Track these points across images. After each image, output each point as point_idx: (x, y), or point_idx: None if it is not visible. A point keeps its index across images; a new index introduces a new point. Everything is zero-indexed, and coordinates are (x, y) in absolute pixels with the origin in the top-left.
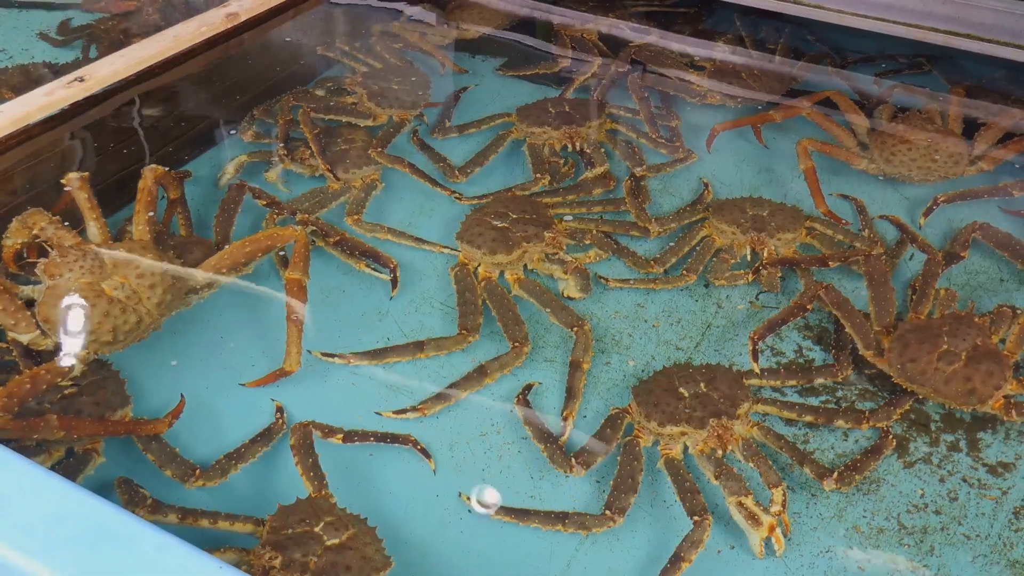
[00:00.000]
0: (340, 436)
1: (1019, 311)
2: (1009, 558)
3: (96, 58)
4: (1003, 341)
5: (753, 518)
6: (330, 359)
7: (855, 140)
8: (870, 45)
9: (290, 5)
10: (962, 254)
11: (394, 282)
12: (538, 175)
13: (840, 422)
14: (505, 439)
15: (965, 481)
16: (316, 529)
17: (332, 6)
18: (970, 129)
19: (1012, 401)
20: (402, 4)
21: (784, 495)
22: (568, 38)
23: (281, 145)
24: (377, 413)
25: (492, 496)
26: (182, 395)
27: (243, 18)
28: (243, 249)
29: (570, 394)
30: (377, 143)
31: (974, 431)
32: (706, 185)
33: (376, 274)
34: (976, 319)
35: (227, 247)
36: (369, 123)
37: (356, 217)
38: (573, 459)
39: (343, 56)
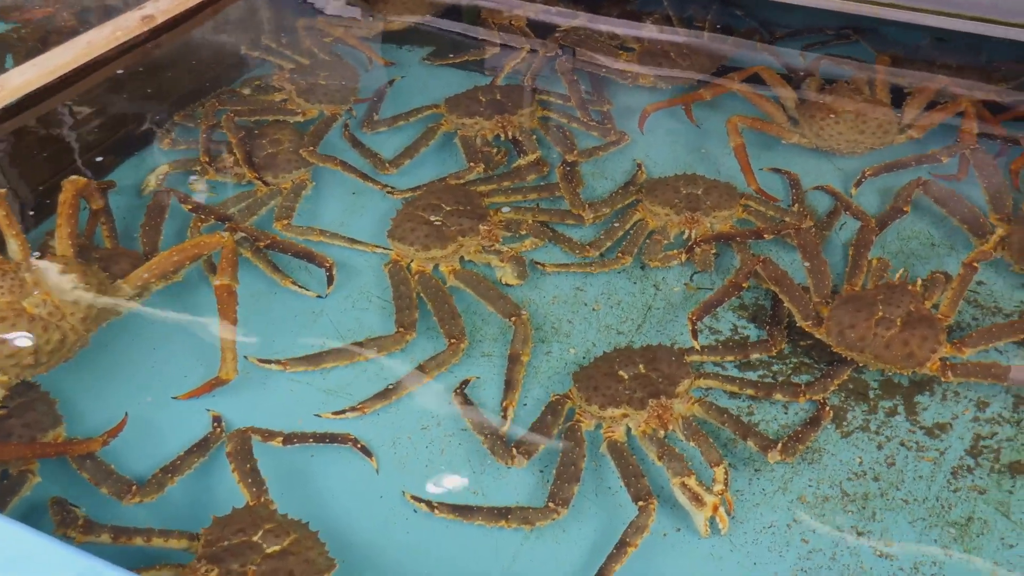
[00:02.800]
0: (280, 439)
1: (951, 277)
2: (947, 519)
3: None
4: (936, 306)
5: (696, 499)
6: (267, 365)
7: (785, 115)
8: (798, 19)
9: (208, 3)
10: (904, 208)
11: (329, 280)
12: (472, 163)
13: (778, 395)
14: (446, 432)
15: (903, 445)
16: (255, 538)
17: (254, 2)
18: (898, 98)
19: (948, 363)
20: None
21: (726, 473)
22: (496, 25)
23: (203, 156)
24: (317, 415)
25: (436, 492)
26: (126, 413)
27: (160, 20)
28: (171, 258)
29: (509, 386)
30: (308, 141)
31: (912, 395)
32: (639, 166)
33: (302, 291)
34: (910, 286)
35: (154, 257)
36: (299, 119)
37: (285, 222)
38: (514, 450)
39: (268, 53)
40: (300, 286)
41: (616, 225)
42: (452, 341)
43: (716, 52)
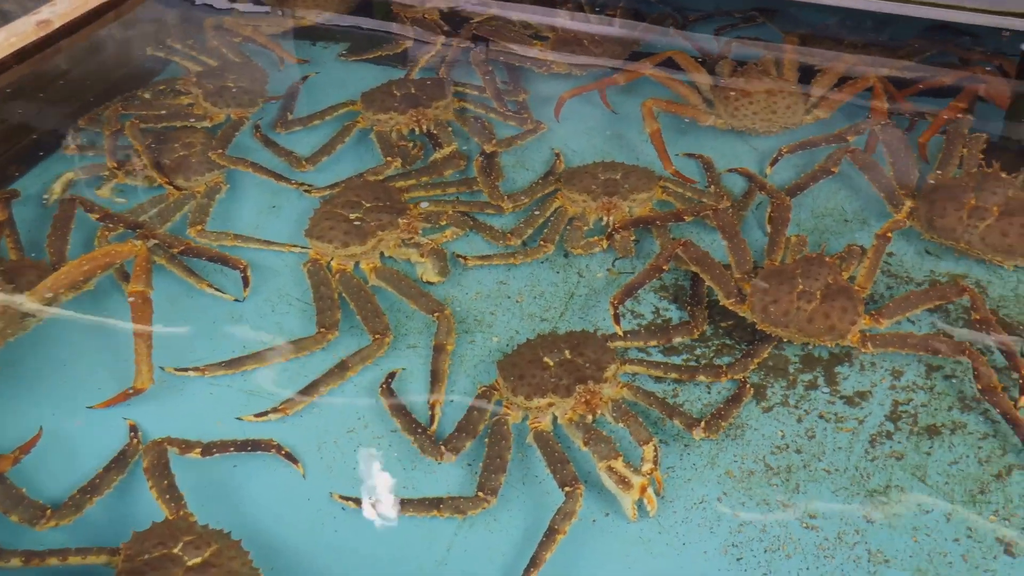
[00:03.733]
0: (198, 450)
1: (866, 249)
2: (867, 488)
3: None
4: (853, 278)
5: (624, 482)
6: (184, 373)
7: (700, 97)
8: (709, 2)
9: (110, 7)
10: (832, 169)
11: (245, 282)
12: (389, 159)
13: (700, 377)
14: (373, 432)
15: (822, 418)
16: (175, 551)
17: (158, 4)
18: (808, 77)
19: (867, 334)
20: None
21: (656, 450)
22: (409, 18)
23: (110, 162)
24: (238, 419)
25: (363, 492)
26: (40, 428)
27: (57, 24)
28: (80, 268)
29: (435, 378)
30: (217, 144)
31: (832, 367)
32: (557, 155)
33: (219, 294)
34: (827, 259)
35: (63, 267)
36: (207, 124)
37: (199, 227)
38: (443, 446)
39: (174, 55)
40: (217, 289)
41: (536, 213)
42: (376, 336)
43: (628, 38)
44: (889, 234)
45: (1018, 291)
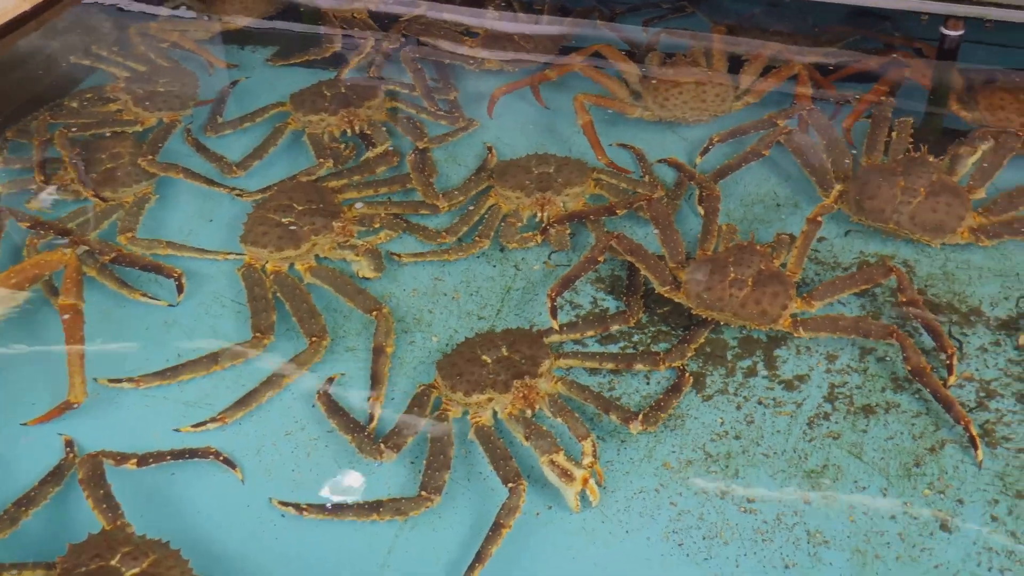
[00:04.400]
0: (134, 461)
1: (796, 237)
2: (804, 469)
3: None
4: (784, 265)
5: (566, 474)
6: (118, 385)
7: (628, 90)
8: None
9: (31, 15)
10: (763, 152)
11: (179, 289)
12: (320, 160)
13: (639, 366)
14: (311, 435)
15: (760, 403)
16: (113, 562)
17: (84, 10)
18: (735, 66)
19: (798, 319)
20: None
21: (594, 445)
22: (338, 19)
23: (38, 175)
24: (176, 430)
25: (305, 495)
26: None
27: None
28: (8, 281)
29: (375, 380)
30: (147, 150)
31: (771, 350)
32: (490, 150)
33: (153, 302)
34: (758, 247)
35: None
36: (137, 128)
37: (130, 235)
38: (382, 445)
39: (101, 62)
40: (151, 297)
41: (471, 210)
42: (313, 340)
43: (557, 33)
44: (820, 218)
45: (946, 268)
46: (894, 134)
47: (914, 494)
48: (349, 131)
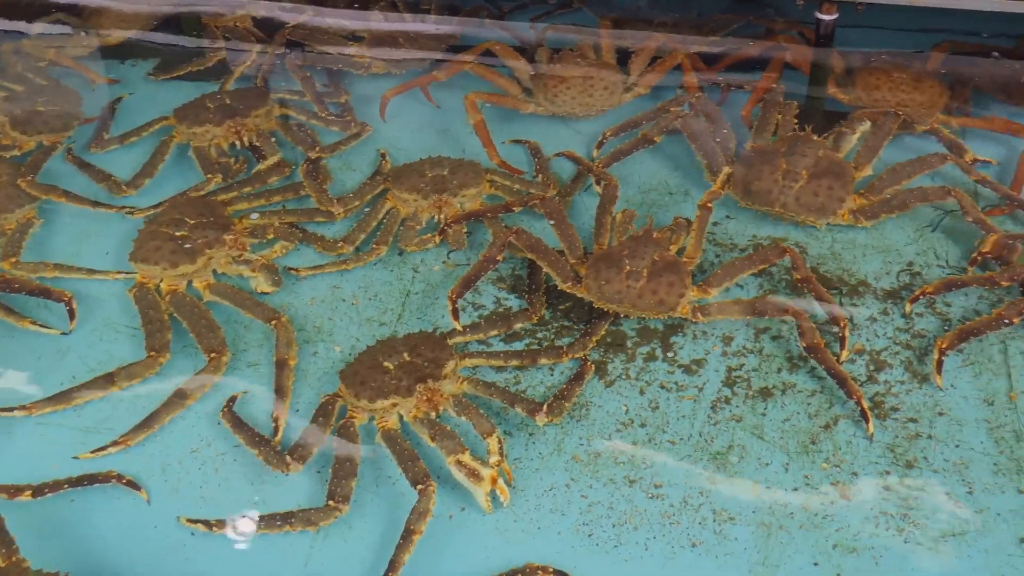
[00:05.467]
0: (28, 493)
1: (691, 221)
2: (710, 452)
3: None
4: (682, 250)
5: (474, 474)
6: (8, 414)
7: (519, 87)
8: None
9: None
10: (655, 139)
11: (71, 314)
12: (209, 175)
13: (543, 360)
14: (218, 451)
15: (663, 388)
16: None
17: None
18: (624, 58)
19: (696, 305)
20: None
21: (499, 442)
22: (220, 29)
23: None
24: (75, 458)
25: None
26: None
27: None
28: None
29: (279, 393)
30: (25, 171)
31: (667, 337)
32: (383, 155)
33: (43, 330)
34: (655, 234)
35: None
36: (15, 153)
37: (14, 260)
38: (288, 457)
39: None
40: (40, 324)
41: (368, 216)
42: (212, 356)
43: (445, 33)
44: (709, 204)
45: (834, 248)
46: (779, 118)
47: (813, 468)
48: (238, 143)
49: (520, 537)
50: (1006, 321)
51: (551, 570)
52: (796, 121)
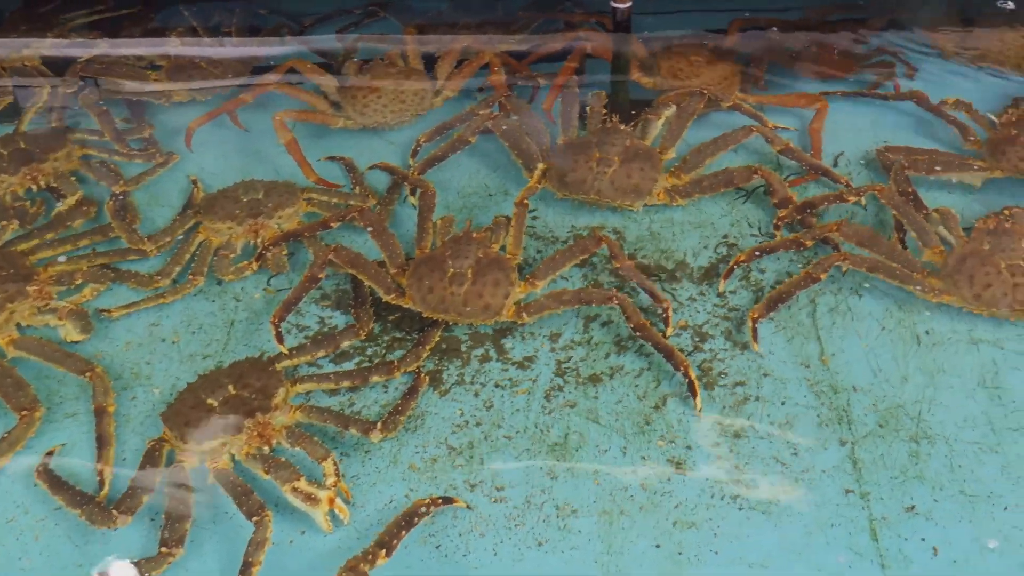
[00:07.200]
0: None
1: (511, 218)
2: (547, 443)
3: None
4: (504, 248)
5: (310, 498)
6: None
7: (327, 102)
8: (325, 5)
9: None
10: (470, 139)
11: None
12: (4, 223)
13: (375, 378)
14: (37, 516)
15: (498, 386)
16: None
17: None
18: (433, 64)
19: (521, 305)
20: None
21: (335, 464)
22: (7, 69)
23: None
24: None
25: None
26: None
27: None
28: None
29: (101, 443)
30: None
31: (498, 339)
32: (195, 183)
33: None
34: (475, 235)
35: None
36: None
37: None
38: (114, 511)
39: None
40: None
41: (182, 248)
42: (24, 413)
43: (248, 55)
44: (526, 201)
45: (652, 228)
46: (589, 108)
47: (649, 447)
48: (34, 187)
49: None
50: (814, 277)
51: None
52: (605, 111)
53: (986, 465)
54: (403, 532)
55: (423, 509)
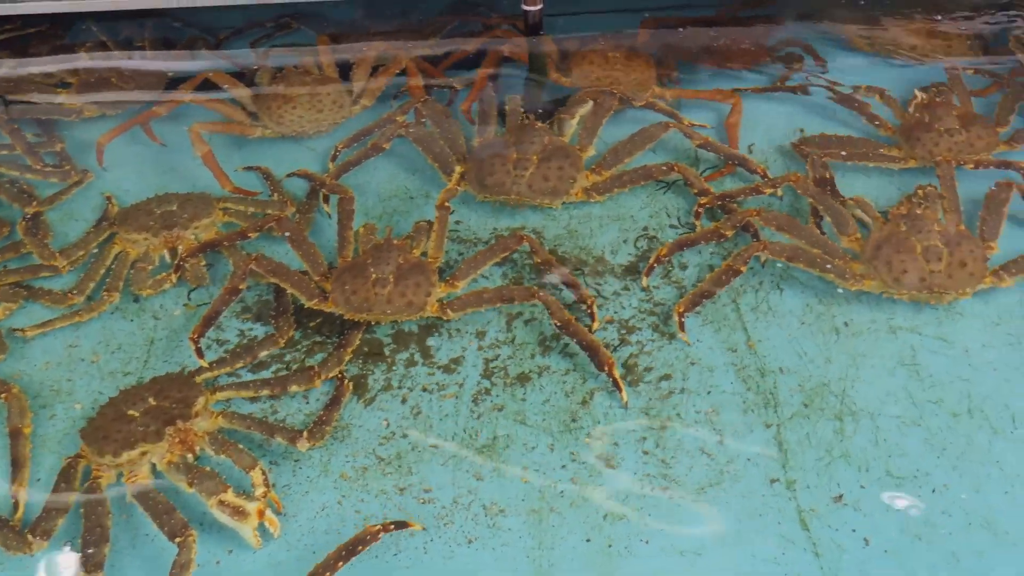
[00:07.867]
0: None
1: (432, 222)
2: (476, 447)
3: None
4: (425, 253)
5: (239, 511)
6: None
7: (244, 112)
8: (237, 18)
9: None
10: (384, 146)
11: None
12: None
13: (294, 387)
14: None
15: (425, 390)
16: None
17: None
18: (348, 72)
19: (445, 302)
20: None
21: (263, 473)
22: None
23: None
24: None
25: None
26: None
27: None
28: None
29: (16, 466)
30: None
31: (423, 339)
32: (108, 199)
33: None
34: (395, 241)
35: None
36: None
37: None
38: (29, 536)
39: None
40: None
41: (96, 263)
42: None
43: (160, 68)
44: (447, 203)
45: (570, 226)
46: (507, 108)
47: (577, 444)
48: None
49: (296, 566)
50: (735, 269)
51: None
52: (523, 111)
53: (909, 438)
54: (350, 557)
55: (369, 538)
